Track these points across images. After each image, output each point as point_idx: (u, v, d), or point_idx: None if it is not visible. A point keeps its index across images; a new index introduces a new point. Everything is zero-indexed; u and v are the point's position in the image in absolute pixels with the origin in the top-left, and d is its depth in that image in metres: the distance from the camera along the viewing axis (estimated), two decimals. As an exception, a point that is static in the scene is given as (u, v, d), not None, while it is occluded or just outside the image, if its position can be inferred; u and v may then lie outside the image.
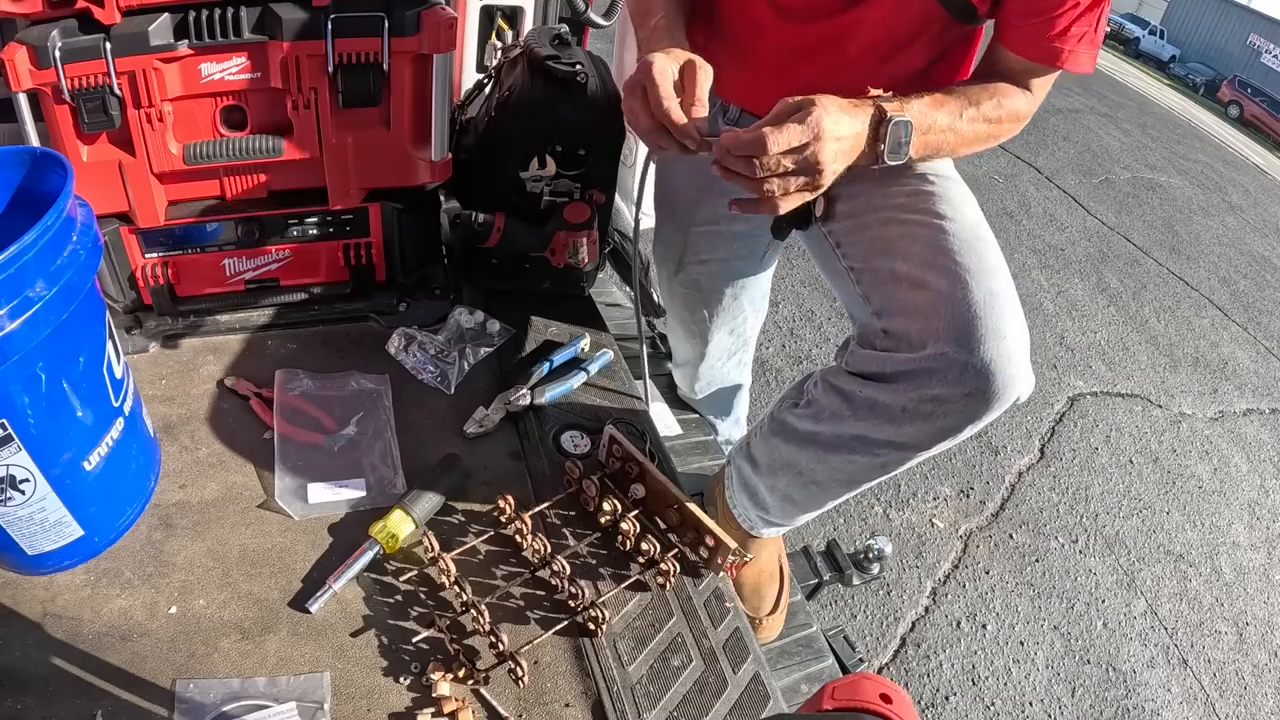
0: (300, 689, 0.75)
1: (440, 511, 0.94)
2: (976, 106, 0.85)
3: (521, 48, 1.18)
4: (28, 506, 0.74)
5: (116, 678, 0.73)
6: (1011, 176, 5.85)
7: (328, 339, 1.15)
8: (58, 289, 0.67)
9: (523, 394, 1.09)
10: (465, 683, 0.79)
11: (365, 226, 1.16)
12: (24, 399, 0.69)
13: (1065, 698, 2.07)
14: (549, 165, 1.16)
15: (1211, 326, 4.59)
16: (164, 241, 1.07)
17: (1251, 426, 3.69)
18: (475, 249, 1.22)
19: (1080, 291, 4.38)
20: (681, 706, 0.81)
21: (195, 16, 0.91)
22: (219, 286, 1.15)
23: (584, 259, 1.24)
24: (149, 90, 0.93)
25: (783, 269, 3.55)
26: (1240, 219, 7.14)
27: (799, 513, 1.06)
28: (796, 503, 1.04)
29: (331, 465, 0.97)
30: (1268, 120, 16.67)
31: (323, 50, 0.96)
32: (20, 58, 0.84)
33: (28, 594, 0.79)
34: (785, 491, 1.04)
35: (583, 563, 0.93)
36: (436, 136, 1.10)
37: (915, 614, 2.17)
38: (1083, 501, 2.80)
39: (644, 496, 0.99)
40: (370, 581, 0.86)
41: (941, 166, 0.97)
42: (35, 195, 0.75)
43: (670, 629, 0.88)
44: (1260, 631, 2.52)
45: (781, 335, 3.11)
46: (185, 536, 0.87)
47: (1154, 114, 11.60)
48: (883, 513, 2.45)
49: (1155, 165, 7.87)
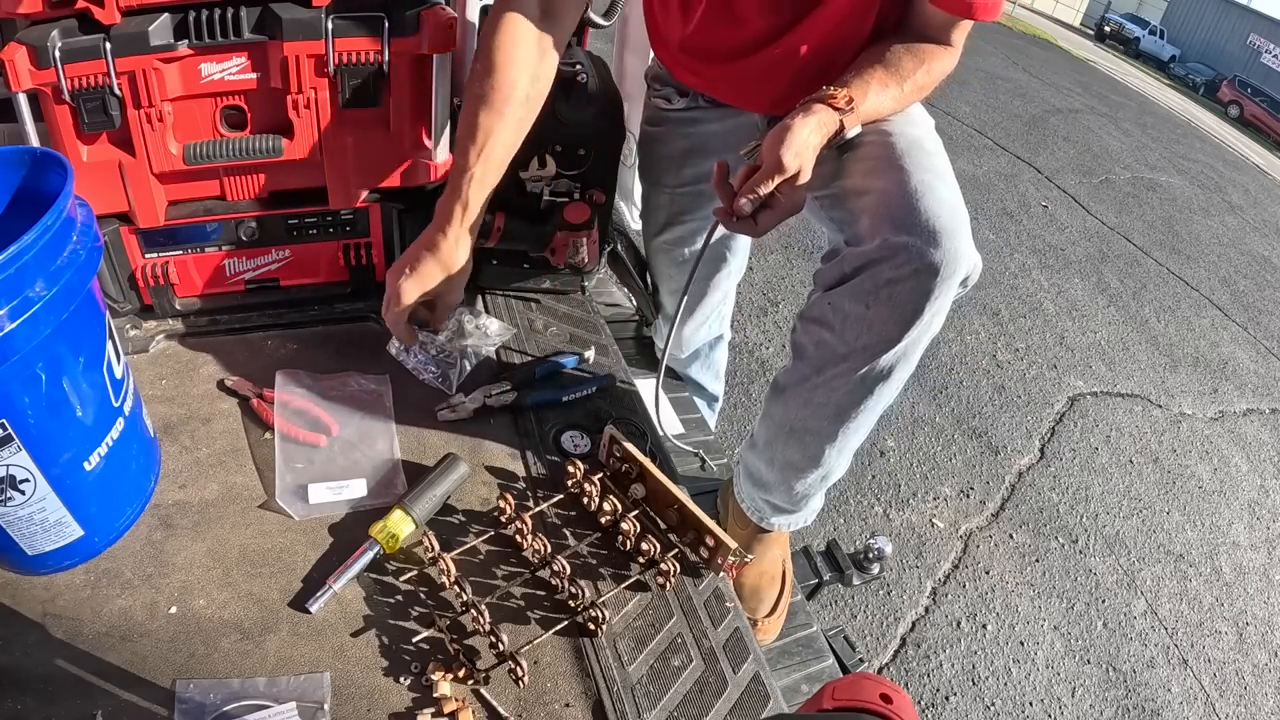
0: (300, 689, 0.75)
1: (440, 511, 0.94)
2: (911, 79, 0.95)
3: (521, 48, 1.18)
4: (28, 506, 0.74)
5: (116, 678, 0.73)
6: (1011, 177, 5.86)
7: (328, 339, 1.15)
8: (58, 289, 0.67)
9: (505, 390, 1.09)
10: (465, 683, 0.79)
11: (365, 226, 1.16)
12: (24, 399, 0.69)
13: (1065, 698, 2.08)
14: (549, 165, 1.16)
15: (1211, 326, 4.59)
16: (164, 241, 1.07)
17: (1251, 426, 3.69)
18: (475, 249, 1.22)
19: (1080, 291, 4.38)
20: (681, 706, 0.81)
21: (195, 16, 0.91)
22: (219, 286, 1.15)
23: (584, 259, 1.24)
24: (149, 90, 0.93)
25: (782, 269, 3.55)
26: (1240, 219, 7.15)
27: (799, 477, 1.07)
28: (797, 466, 1.05)
29: (331, 465, 0.97)
30: (1268, 120, 16.68)
31: (323, 50, 0.96)
32: (20, 58, 0.84)
33: (28, 594, 0.79)
34: (784, 457, 1.06)
35: (583, 563, 0.93)
36: (437, 137, 1.11)
37: (915, 614, 2.17)
38: (1083, 501, 2.80)
39: (644, 496, 0.99)
40: (370, 581, 0.86)
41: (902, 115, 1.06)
42: (35, 195, 0.75)
43: (670, 629, 0.88)
44: (1260, 631, 2.52)
45: (781, 335, 3.11)
46: (185, 536, 0.87)
47: (1154, 114, 11.61)
48: (883, 513, 2.45)
49: (1155, 165, 7.88)
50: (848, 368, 0.93)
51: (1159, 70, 20.98)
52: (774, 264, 3.57)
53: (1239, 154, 11.74)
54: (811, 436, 1.02)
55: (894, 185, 0.87)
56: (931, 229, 0.83)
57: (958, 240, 0.84)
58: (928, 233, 0.83)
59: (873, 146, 0.94)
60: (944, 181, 0.89)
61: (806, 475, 1.06)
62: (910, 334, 0.88)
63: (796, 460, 1.05)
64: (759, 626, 1.18)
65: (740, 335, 3.02)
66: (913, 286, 0.85)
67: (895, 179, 0.88)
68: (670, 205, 1.34)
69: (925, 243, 0.83)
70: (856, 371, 0.93)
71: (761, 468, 1.11)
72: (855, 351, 0.92)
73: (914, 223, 0.84)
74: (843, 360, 0.93)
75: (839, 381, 0.95)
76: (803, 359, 0.99)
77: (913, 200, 0.85)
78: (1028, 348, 3.63)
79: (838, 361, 0.94)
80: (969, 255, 0.86)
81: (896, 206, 0.86)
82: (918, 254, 0.83)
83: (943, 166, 0.92)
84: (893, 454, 2.71)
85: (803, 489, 1.08)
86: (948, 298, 0.87)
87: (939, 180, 0.88)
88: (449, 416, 1.06)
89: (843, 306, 0.91)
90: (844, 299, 0.91)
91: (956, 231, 0.84)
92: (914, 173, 0.87)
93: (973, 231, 0.87)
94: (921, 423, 2.90)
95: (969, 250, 0.86)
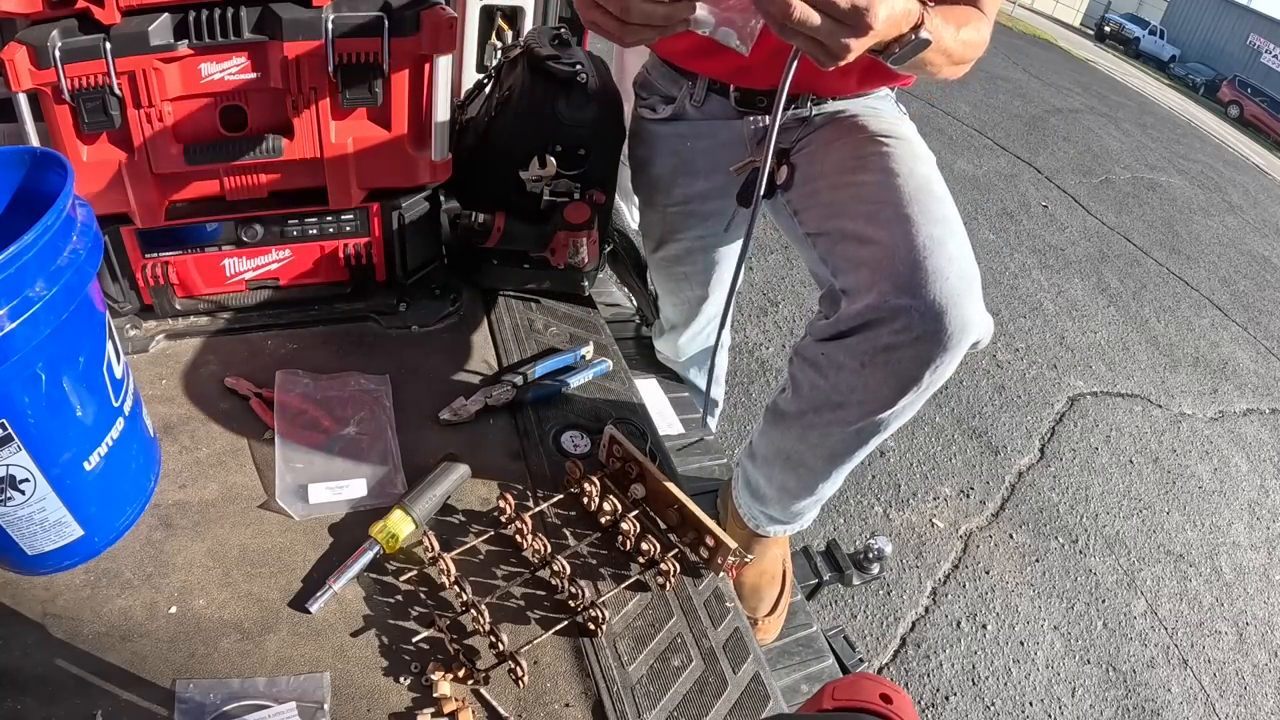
0: (300, 689, 0.75)
1: (440, 511, 0.94)
2: (965, 27, 0.84)
3: (521, 48, 1.18)
4: (28, 506, 0.74)
5: (116, 678, 0.73)
6: (1011, 177, 5.85)
7: (328, 339, 1.15)
8: (58, 289, 0.67)
9: (505, 390, 1.10)
10: (465, 683, 0.79)
11: (365, 226, 1.16)
12: (24, 399, 0.69)
13: (1065, 698, 2.07)
14: (549, 165, 1.16)
15: (1211, 326, 4.59)
16: (164, 241, 1.07)
17: (1251, 426, 3.69)
18: (475, 249, 1.22)
19: (1080, 291, 4.38)
20: (681, 706, 0.81)
21: (195, 16, 0.91)
22: (219, 286, 1.15)
23: (584, 259, 1.24)
24: (149, 90, 0.93)
25: (782, 269, 3.55)
26: (1240, 219, 7.15)
27: (794, 501, 1.07)
28: (791, 492, 1.06)
29: (331, 465, 0.97)
30: (1268, 120, 16.68)
31: (323, 50, 0.96)
32: (20, 58, 0.84)
33: (28, 594, 0.79)
34: (780, 481, 1.05)
35: (583, 563, 0.93)
36: (437, 136, 1.11)
37: (915, 614, 2.17)
38: (1083, 501, 2.80)
39: (644, 496, 0.99)
40: (370, 581, 0.86)
41: (896, 128, 0.98)
42: (35, 195, 0.75)
43: (670, 629, 0.88)
44: (1260, 631, 2.52)
45: (781, 335, 3.12)
46: (185, 536, 0.87)
47: (1154, 114, 11.61)
48: (883, 513, 2.45)
49: (1155, 165, 7.88)
50: (842, 417, 0.90)
51: (1159, 70, 20.98)
52: (774, 264, 3.56)
53: (1239, 154, 11.74)
54: (806, 470, 1.00)
55: (899, 239, 0.80)
56: (938, 295, 0.77)
57: (966, 306, 0.78)
58: (933, 299, 0.77)
59: (876, 187, 0.87)
60: (954, 235, 0.82)
61: (801, 500, 1.07)
62: (906, 399, 0.84)
63: (792, 487, 1.05)
64: (759, 625, 1.18)
65: (740, 335, 3.03)
66: (913, 355, 0.80)
67: (901, 231, 0.81)
68: (663, 224, 1.31)
69: (930, 309, 0.77)
70: (851, 425, 0.89)
71: (760, 482, 1.10)
72: (849, 404, 0.88)
73: (919, 286, 0.77)
74: (838, 408, 0.89)
75: (834, 429, 0.92)
76: (799, 395, 0.95)
77: (919, 258, 0.78)
78: (1028, 348, 3.63)
79: (833, 408, 0.90)
80: (978, 322, 0.80)
81: (901, 264, 0.78)
82: (920, 320, 0.77)
83: (952, 215, 0.86)
84: (893, 454, 2.71)
85: (798, 509, 1.10)
86: (952, 365, 0.81)
87: (949, 234, 0.82)
88: (450, 419, 1.06)
89: (837, 359, 0.86)
90: (839, 353, 0.86)
91: (965, 296, 0.78)
92: (922, 225, 0.81)
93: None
94: (921, 423, 2.90)
95: (978, 316, 0.80)
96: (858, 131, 0.98)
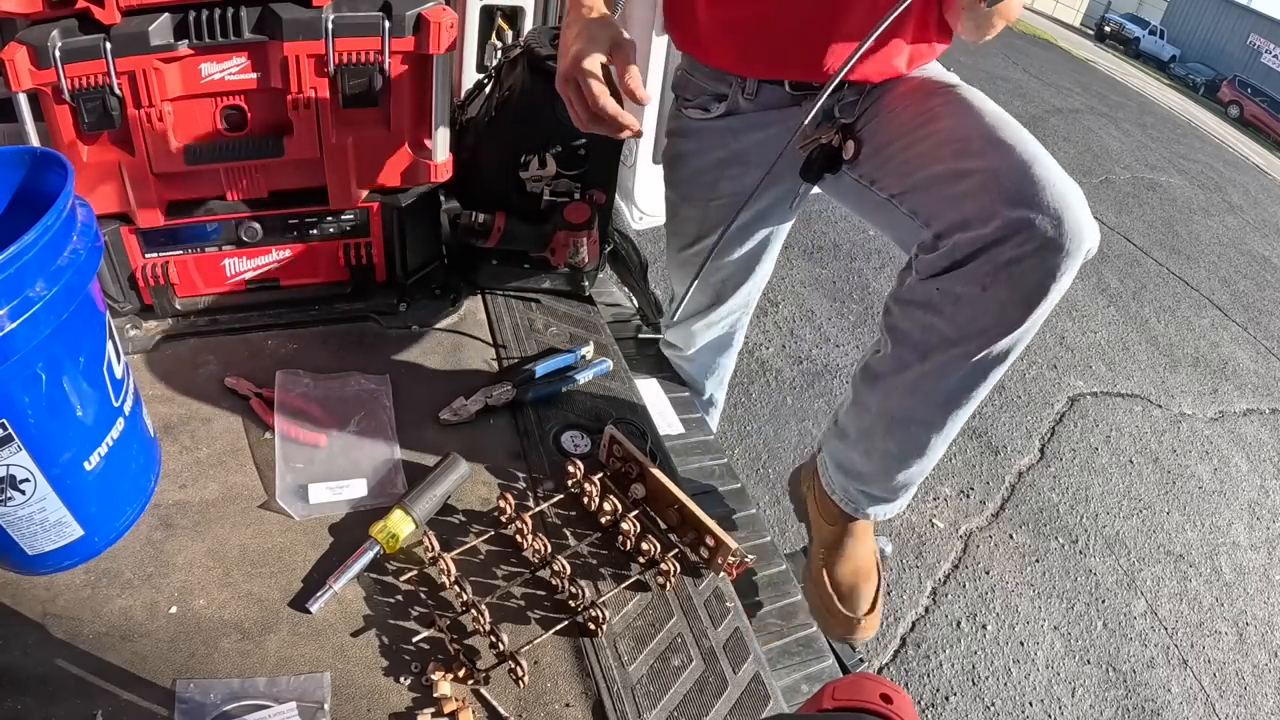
0: (300, 689, 0.75)
1: (440, 511, 0.94)
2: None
3: (521, 48, 1.18)
4: (28, 506, 0.74)
5: (116, 678, 0.73)
6: (1011, 176, 5.84)
7: (328, 339, 1.15)
8: (58, 289, 0.67)
9: (505, 390, 1.09)
10: (465, 683, 0.79)
11: (365, 226, 1.16)
12: (24, 399, 0.69)
13: (1065, 698, 2.07)
14: (549, 165, 1.16)
15: (1211, 326, 4.59)
16: (164, 241, 1.07)
17: (1251, 426, 3.69)
18: (475, 249, 1.22)
19: (1080, 291, 4.38)
20: (681, 706, 0.81)
21: (195, 16, 0.91)
22: (219, 286, 1.15)
23: (584, 259, 1.25)
24: (149, 90, 0.93)
25: (782, 269, 3.55)
26: (1240, 219, 7.15)
27: (901, 468, 1.02)
28: (898, 457, 1.01)
29: (331, 465, 0.97)
30: (1268, 120, 16.67)
31: (323, 50, 0.96)
32: (20, 58, 0.84)
33: (28, 594, 0.79)
34: (884, 449, 1.01)
35: (583, 563, 0.93)
36: (437, 137, 1.11)
37: (915, 614, 2.17)
38: (1083, 501, 2.80)
39: (644, 496, 0.99)
40: (370, 581, 0.86)
41: (949, 78, 1.00)
42: (35, 195, 0.75)
43: (670, 629, 0.88)
44: (1260, 631, 2.52)
45: (781, 335, 3.12)
46: (185, 536, 0.87)
47: (1154, 114, 11.60)
48: (883, 513, 2.45)
49: (1155, 165, 7.88)
50: (960, 353, 0.88)
51: (1159, 70, 20.97)
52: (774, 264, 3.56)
53: (1239, 154, 11.74)
54: (917, 426, 0.97)
55: (999, 161, 0.82)
56: (1052, 200, 0.78)
57: (1079, 210, 0.79)
58: (1049, 207, 0.78)
59: (956, 128, 0.89)
60: (1047, 154, 0.83)
61: (909, 465, 1.02)
62: (1035, 314, 0.84)
63: (898, 450, 1.00)
64: (861, 625, 1.11)
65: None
66: (1036, 264, 0.80)
67: (997, 154, 0.83)
68: (703, 219, 1.25)
69: (1050, 215, 0.78)
70: (971, 357, 0.88)
71: (856, 459, 1.06)
72: (969, 336, 0.87)
73: (1033, 197, 0.79)
74: (954, 345, 0.88)
75: (950, 368, 0.90)
76: (904, 345, 0.93)
77: (1026, 171, 0.80)
78: (1028, 348, 3.62)
79: (948, 346, 0.89)
80: (1091, 227, 0.81)
81: (1011, 182, 0.80)
82: (1041, 230, 0.78)
83: (1031, 136, 0.86)
84: (893, 454, 2.70)
85: (904, 478, 1.04)
86: (1072, 273, 0.82)
87: (1041, 150, 0.83)
88: (450, 419, 1.06)
89: (954, 290, 0.86)
90: (955, 284, 0.86)
91: (1077, 203, 0.80)
92: (1015, 144, 0.83)
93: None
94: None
95: (1090, 221, 0.81)
96: (916, 91, 0.99)
